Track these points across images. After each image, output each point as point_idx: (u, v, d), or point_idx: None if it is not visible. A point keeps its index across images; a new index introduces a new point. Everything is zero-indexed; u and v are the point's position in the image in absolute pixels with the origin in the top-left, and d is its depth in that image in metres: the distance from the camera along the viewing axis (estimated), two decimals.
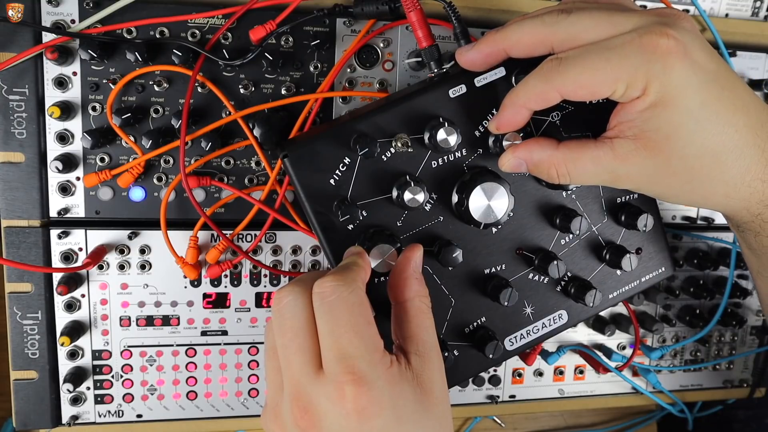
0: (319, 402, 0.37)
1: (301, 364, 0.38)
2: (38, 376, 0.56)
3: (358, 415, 0.36)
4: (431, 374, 0.40)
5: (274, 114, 0.54)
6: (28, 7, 0.50)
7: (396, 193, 0.46)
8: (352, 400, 0.36)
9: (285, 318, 0.39)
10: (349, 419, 0.36)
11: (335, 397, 0.36)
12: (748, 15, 0.66)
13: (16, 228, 0.53)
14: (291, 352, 0.38)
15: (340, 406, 0.36)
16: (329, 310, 0.38)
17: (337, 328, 0.37)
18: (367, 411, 0.36)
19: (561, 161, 0.43)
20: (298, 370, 0.38)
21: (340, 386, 0.36)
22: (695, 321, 0.68)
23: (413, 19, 0.48)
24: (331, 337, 0.37)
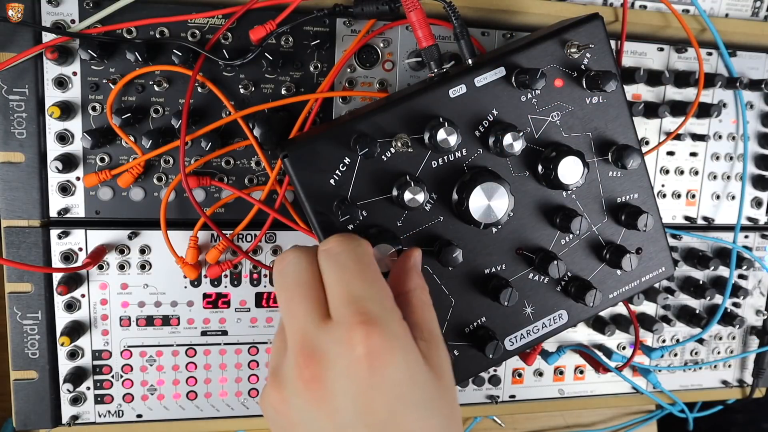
0: (327, 348, 0.34)
1: (305, 311, 0.36)
2: (38, 376, 0.56)
3: (369, 359, 0.33)
4: (440, 360, 0.37)
5: (274, 114, 0.54)
6: (28, 7, 0.50)
7: (396, 193, 0.46)
8: (362, 342, 0.33)
9: (287, 272, 0.38)
10: (359, 365, 0.33)
11: (345, 339, 0.33)
12: (748, 15, 0.66)
13: (16, 228, 0.53)
14: (295, 303, 0.36)
15: (349, 349, 0.33)
16: (336, 261, 0.37)
17: (346, 275, 0.36)
18: (379, 356, 0.33)
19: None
20: (303, 318, 0.36)
21: (350, 327, 0.33)
22: (695, 321, 0.68)
23: (413, 19, 0.48)
24: (340, 284, 0.36)
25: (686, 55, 0.63)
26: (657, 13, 0.62)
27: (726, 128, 0.66)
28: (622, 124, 0.51)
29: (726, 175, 0.67)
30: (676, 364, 0.71)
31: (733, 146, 0.67)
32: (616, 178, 0.52)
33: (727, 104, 0.65)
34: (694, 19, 0.63)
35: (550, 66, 0.48)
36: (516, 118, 0.48)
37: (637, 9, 0.62)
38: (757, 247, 0.70)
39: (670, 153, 0.65)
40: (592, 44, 0.48)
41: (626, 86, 0.60)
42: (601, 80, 0.48)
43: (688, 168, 0.66)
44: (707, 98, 0.65)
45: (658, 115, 0.61)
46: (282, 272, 0.38)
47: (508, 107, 0.48)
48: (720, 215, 0.67)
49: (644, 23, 0.61)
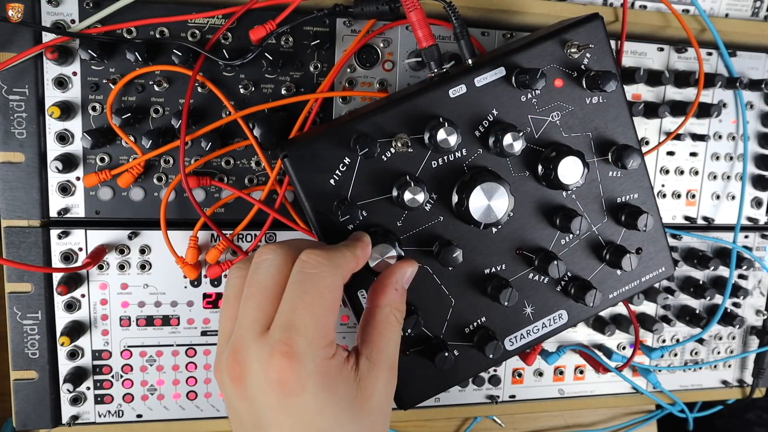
0: (251, 361, 0.37)
1: (252, 319, 0.38)
2: (38, 376, 0.56)
3: (278, 386, 0.36)
4: (375, 383, 0.40)
5: (274, 114, 0.54)
6: (28, 7, 0.50)
7: (396, 193, 0.46)
8: (277, 370, 0.36)
9: (258, 272, 0.40)
10: (271, 388, 0.37)
11: (265, 360, 0.37)
12: (748, 15, 0.66)
13: (16, 228, 0.53)
14: (249, 306, 0.39)
15: (266, 371, 0.37)
16: (302, 281, 0.38)
17: (299, 301, 0.38)
18: (288, 387, 0.36)
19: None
20: (248, 324, 0.38)
21: (272, 352, 0.36)
22: (695, 321, 0.68)
23: (413, 19, 0.48)
24: (290, 305, 0.38)
25: (686, 55, 0.63)
26: (657, 13, 0.62)
27: (726, 128, 0.66)
28: (622, 124, 0.51)
29: (726, 175, 0.67)
30: (676, 364, 0.71)
31: (733, 146, 0.67)
32: (616, 178, 0.52)
33: (727, 104, 0.65)
34: (694, 19, 0.63)
35: (550, 66, 0.48)
36: (516, 118, 0.48)
37: (637, 9, 0.62)
38: (757, 247, 0.70)
39: (670, 153, 0.65)
40: (592, 44, 0.49)
41: (626, 86, 0.60)
42: (601, 80, 0.48)
43: (688, 168, 0.66)
44: (707, 98, 0.65)
45: (658, 115, 0.61)
46: (255, 266, 0.40)
47: (508, 107, 0.48)
48: (720, 215, 0.67)
49: (644, 23, 0.61)
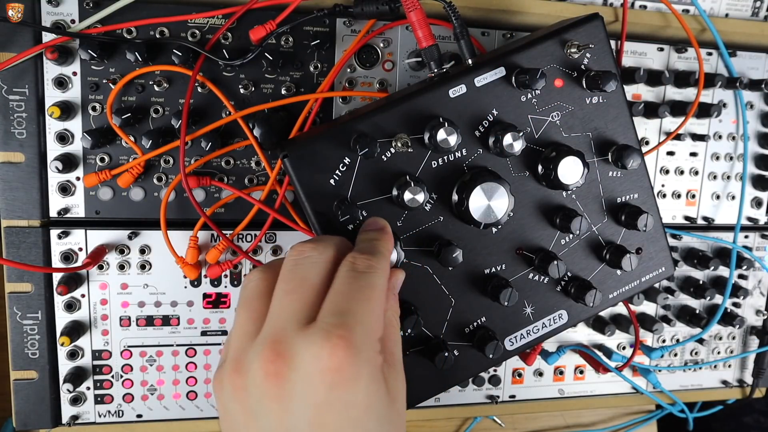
0: (298, 350, 0.34)
1: (294, 311, 0.36)
2: (38, 376, 0.56)
3: (331, 374, 0.33)
4: (396, 384, 0.38)
5: (274, 114, 0.54)
6: (28, 7, 0.50)
7: (396, 193, 0.46)
8: (331, 355, 0.33)
9: (301, 267, 0.38)
10: (322, 377, 0.33)
11: (318, 346, 0.33)
12: (748, 15, 0.66)
13: (16, 228, 0.53)
14: (290, 299, 0.37)
15: (319, 358, 0.33)
16: (355, 277, 0.37)
17: (353, 293, 0.37)
18: (344, 374, 0.33)
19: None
20: (289, 316, 0.36)
21: (328, 337, 0.34)
22: (695, 321, 0.68)
23: (413, 19, 0.48)
24: (342, 296, 0.36)
25: (686, 55, 0.63)
26: (657, 13, 0.62)
27: (726, 128, 0.66)
28: (622, 124, 0.51)
29: (726, 175, 0.67)
30: (676, 364, 0.71)
31: (733, 146, 0.67)
32: (616, 178, 0.52)
33: (727, 104, 0.65)
34: (694, 19, 0.63)
35: (550, 66, 0.48)
36: (516, 118, 0.48)
37: (637, 9, 0.62)
38: (757, 247, 0.70)
39: (670, 153, 0.65)
40: (592, 44, 0.49)
41: (626, 86, 0.60)
42: (601, 80, 0.48)
43: (688, 168, 0.66)
44: (707, 98, 0.65)
45: (658, 115, 0.61)
46: (295, 262, 0.38)
47: (508, 107, 0.48)
48: (720, 215, 0.67)
49: (644, 23, 0.61)
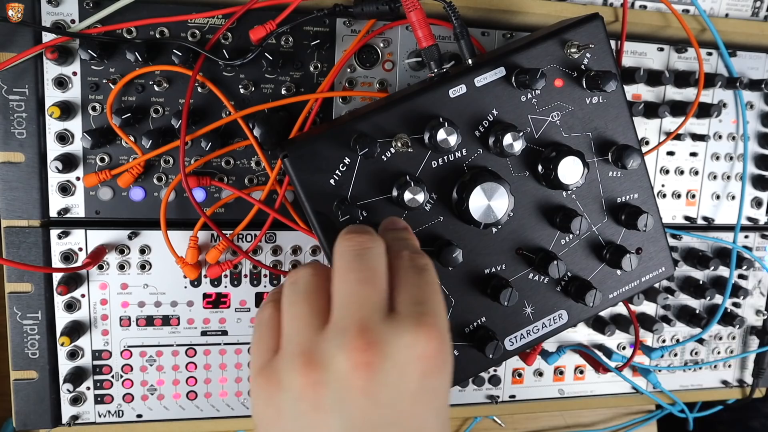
0: (389, 339, 0.33)
1: (375, 300, 0.35)
2: (38, 376, 0.56)
3: (426, 362, 0.33)
4: None
5: (274, 114, 0.54)
6: (28, 7, 0.50)
7: (396, 193, 0.46)
8: (425, 343, 0.33)
9: (368, 258, 0.37)
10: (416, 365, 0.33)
11: (412, 333, 0.33)
12: (748, 15, 0.66)
13: (16, 228, 0.53)
14: (367, 289, 0.35)
15: (413, 346, 0.33)
16: (420, 268, 0.37)
17: (424, 285, 0.36)
18: (436, 362, 0.33)
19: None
20: (372, 305, 0.34)
21: (419, 325, 0.33)
22: (695, 321, 0.68)
23: (413, 19, 0.48)
24: (415, 287, 0.36)
25: (686, 55, 0.63)
26: (657, 13, 0.62)
27: (726, 128, 0.66)
28: (622, 124, 0.51)
29: (726, 175, 0.67)
30: (676, 364, 0.71)
31: (733, 146, 0.67)
32: (616, 178, 0.52)
33: (727, 104, 0.65)
34: (694, 19, 0.63)
35: (550, 66, 0.48)
36: (516, 118, 0.48)
37: (637, 9, 0.62)
38: (757, 247, 0.70)
39: (670, 153, 0.65)
40: (592, 44, 0.48)
41: (626, 86, 0.60)
42: (601, 80, 0.48)
43: (688, 168, 0.66)
44: (707, 98, 0.65)
45: (658, 115, 0.61)
46: (362, 253, 0.37)
47: (508, 107, 0.48)
48: (720, 215, 0.67)
49: (644, 23, 0.61)
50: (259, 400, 0.35)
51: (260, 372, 0.35)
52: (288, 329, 0.36)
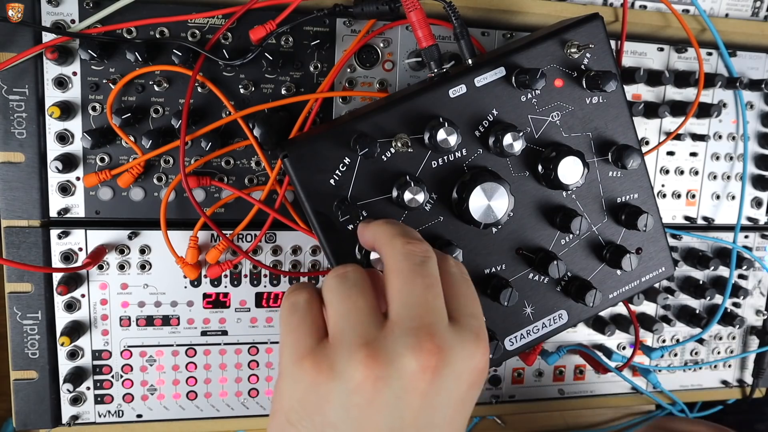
0: (453, 346, 0.34)
1: (440, 308, 0.36)
2: (38, 376, 0.56)
3: (477, 374, 0.35)
4: None
5: (274, 114, 0.54)
6: (28, 7, 0.50)
7: (396, 193, 0.46)
8: (483, 356, 0.35)
9: (429, 267, 0.37)
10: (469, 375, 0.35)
11: (471, 345, 0.35)
12: (748, 15, 0.66)
13: (16, 228, 0.53)
14: (433, 295, 0.36)
15: (471, 357, 0.35)
16: (468, 281, 0.40)
17: (474, 300, 0.39)
18: (483, 375, 0.36)
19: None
20: (438, 312, 0.35)
21: (477, 339, 0.35)
22: (695, 321, 0.68)
23: (413, 19, 0.48)
24: (467, 300, 0.38)
25: (686, 55, 0.63)
26: (657, 13, 0.62)
27: (726, 128, 0.66)
28: (622, 124, 0.51)
29: (726, 175, 0.67)
30: (676, 364, 0.71)
31: (733, 146, 0.67)
32: (616, 178, 0.52)
33: (727, 104, 0.65)
34: (694, 19, 0.63)
35: (550, 66, 0.48)
36: (516, 118, 0.48)
37: (637, 9, 0.62)
38: (757, 247, 0.70)
39: (670, 153, 0.65)
40: (592, 44, 0.48)
41: (626, 86, 0.60)
42: (601, 80, 0.48)
43: (688, 168, 0.66)
44: (707, 98, 0.65)
45: (658, 115, 0.61)
46: (425, 261, 0.37)
47: (508, 107, 0.48)
48: (720, 215, 0.67)
49: (644, 23, 0.61)
50: (300, 385, 0.34)
51: (308, 356, 0.34)
52: (344, 320, 0.35)
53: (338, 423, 0.33)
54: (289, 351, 0.36)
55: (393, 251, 0.38)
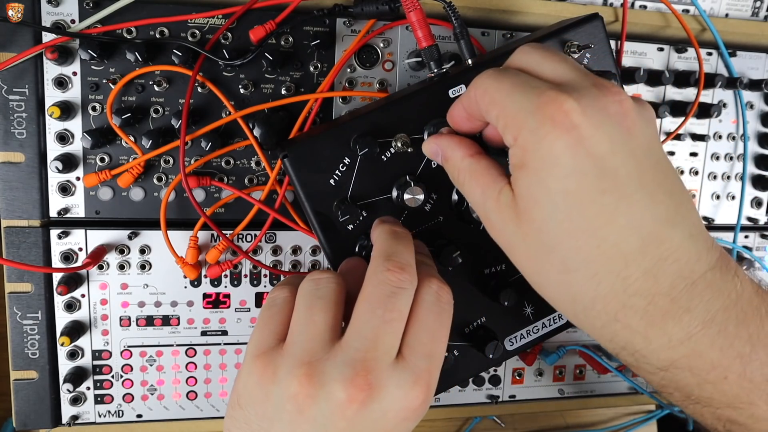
0: (388, 385, 0.36)
1: (390, 346, 0.37)
2: (38, 376, 0.56)
3: (409, 412, 0.37)
4: None
5: (274, 114, 0.54)
6: (28, 7, 0.50)
7: (396, 193, 0.46)
8: (416, 398, 0.36)
9: (399, 299, 0.38)
10: (402, 413, 0.37)
11: (408, 387, 0.36)
12: (748, 15, 0.66)
13: (16, 228, 0.53)
14: (386, 330, 0.37)
15: (406, 398, 0.36)
16: (440, 313, 0.39)
17: (438, 333, 0.39)
18: (417, 414, 0.37)
19: (463, 170, 0.40)
20: (385, 349, 0.37)
21: (418, 381, 0.37)
22: None
23: (413, 19, 0.48)
24: (430, 336, 0.38)
25: (686, 55, 0.63)
26: (657, 13, 0.62)
27: (726, 128, 0.66)
28: None
29: (726, 175, 0.67)
30: None
31: (733, 146, 0.67)
32: None
33: (727, 104, 0.65)
34: (694, 19, 0.63)
35: None
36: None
37: (637, 9, 0.62)
38: (757, 247, 0.70)
39: (670, 153, 0.65)
40: (592, 44, 0.48)
41: (626, 86, 0.60)
42: None
43: (688, 168, 0.66)
44: (707, 98, 0.65)
45: (658, 115, 0.61)
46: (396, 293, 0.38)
47: None
48: (720, 215, 0.67)
49: (644, 23, 0.61)
50: (251, 378, 0.38)
51: (259, 357, 0.38)
52: (299, 332, 0.38)
53: (274, 420, 0.37)
54: (252, 344, 0.40)
55: (371, 273, 0.39)
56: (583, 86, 0.34)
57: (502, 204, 0.37)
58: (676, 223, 0.34)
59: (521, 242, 0.37)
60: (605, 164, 0.33)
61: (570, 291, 0.35)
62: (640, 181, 0.33)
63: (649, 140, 0.35)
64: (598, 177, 0.33)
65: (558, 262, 0.35)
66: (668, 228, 0.33)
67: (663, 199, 0.34)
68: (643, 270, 0.33)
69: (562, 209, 0.33)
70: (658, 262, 0.33)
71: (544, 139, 0.33)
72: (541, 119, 0.33)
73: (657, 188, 0.34)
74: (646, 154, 0.34)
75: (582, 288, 0.34)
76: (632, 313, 0.33)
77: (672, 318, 0.33)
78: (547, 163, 0.33)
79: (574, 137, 0.32)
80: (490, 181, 0.38)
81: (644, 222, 0.33)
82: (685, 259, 0.34)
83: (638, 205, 0.33)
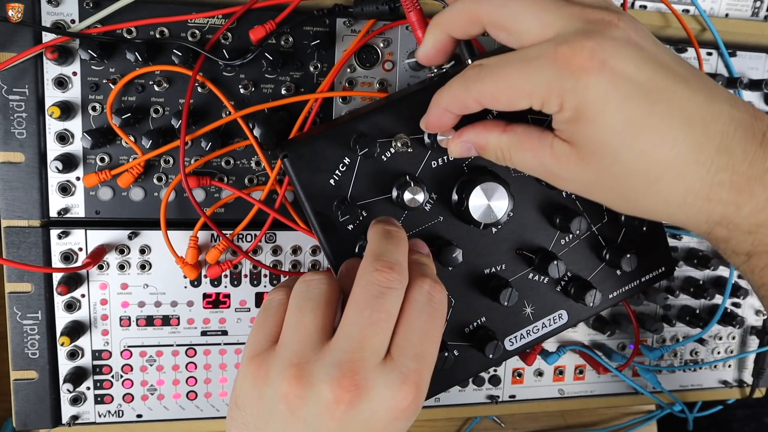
0: (375, 385, 0.36)
1: (378, 346, 0.37)
2: (38, 376, 0.56)
3: (400, 414, 0.37)
4: None
5: (274, 114, 0.54)
6: (28, 7, 0.50)
7: (396, 193, 0.46)
8: (404, 399, 0.37)
9: (387, 299, 0.38)
10: (390, 414, 0.37)
11: (395, 388, 0.36)
12: (748, 15, 0.66)
13: (16, 228, 0.53)
14: (374, 330, 0.37)
15: (394, 398, 0.37)
16: (432, 313, 0.39)
17: (430, 333, 0.39)
18: (407, 415, 0.37)
19: (505, 145, 0.41)
20: (373, 349, 0.37)
21: (405, 381, 0.37)
22: (695, 321, 0.68)
23: (413, 19, 0.48)
24: (420, 336, 0.38)
25: (686, 55, 0.63)
26: (657, 13, 0.62)
27: None
28: None
29: None
30: (676, 364, 0.71)
31: None
32: None
33: None
34: (694, 19, 0.63)
35: None
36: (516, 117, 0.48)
37: (637, 9, 0.62)
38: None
39: None
40: None
41: None
42: None
43: None
44: None
45: None
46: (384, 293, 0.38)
47: None
48: None
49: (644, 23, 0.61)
50: (246, 380, 0.39)
51: (253, 359, 0.39)
52: (289, 333, 0.39)
53: (269, 420, 0.38)
54: (248, 346, 0.41)
55: (360, 273, 0.39)
56: (579, 25, 0.36)
57: (560, 155, 0.39)
58: (718, 99, 0.37)
59: (597, 179, 0.38)
60: (641, 81, 0.35)
61: (661, 198, 0.38)
62: (674, 80, 0.36)
63: (654, 44, 0.38)
64: (642, 94, 0.35)
65: (640, 181, 0.37)
66: (715, 105, 0.36)
67: (697, 85, 0.37)
68: (714, 148, 0.36)
69: (629, 136, 0.36)
70: (723, 137, 0.36)
71: (587, 88, 0.35)
72: (575, 74, 0.35)
73: (689, 78, 0.37)
74: (662, 56, 0.37)
75: (671, 189, 0.37)
76: (720, 189, 0.37)
77: (756, 180, 0.36)
78: (599, 107, 0.35)
79: (608, 72, 0.35)
80: (536, 142, 0.40)
81: (694, 109, 0.36)
82: (743, 125, 0.36)
83: (683, 99, 0.36)
